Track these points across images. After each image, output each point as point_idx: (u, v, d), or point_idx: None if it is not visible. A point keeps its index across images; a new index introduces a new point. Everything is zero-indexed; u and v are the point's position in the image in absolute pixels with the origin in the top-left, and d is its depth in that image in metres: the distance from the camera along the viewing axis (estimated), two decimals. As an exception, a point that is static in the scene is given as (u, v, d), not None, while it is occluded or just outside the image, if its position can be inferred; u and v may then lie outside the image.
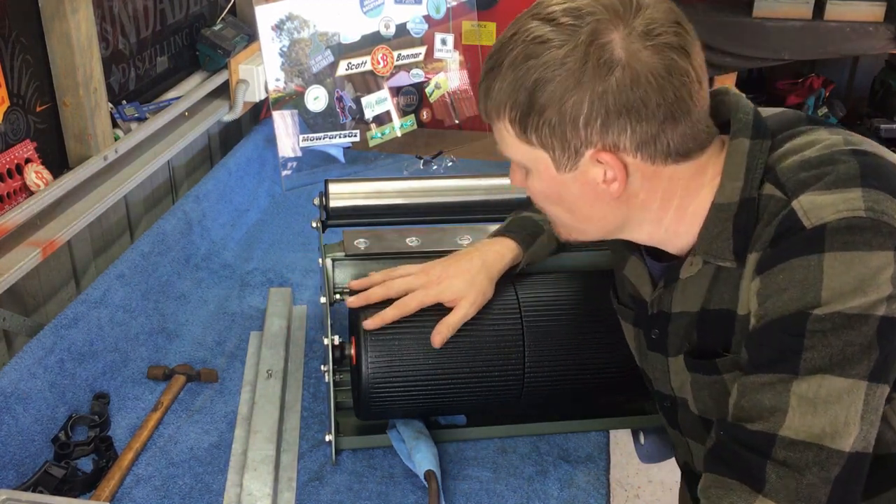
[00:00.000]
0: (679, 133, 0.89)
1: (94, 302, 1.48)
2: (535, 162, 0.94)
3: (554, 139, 0.89)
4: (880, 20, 2.84)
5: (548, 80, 0.86)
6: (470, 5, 2.34)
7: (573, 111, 0.86)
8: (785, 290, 0.85)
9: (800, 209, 0.85)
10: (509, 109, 0.90)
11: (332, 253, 1.37)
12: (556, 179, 0.94)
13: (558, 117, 0.87)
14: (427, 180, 1.59)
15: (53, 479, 1.18)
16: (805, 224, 0.84)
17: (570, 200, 0.96)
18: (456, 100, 2.36)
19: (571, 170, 0.92)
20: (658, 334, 1.07)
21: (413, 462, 1.21)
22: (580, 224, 1.00)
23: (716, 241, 0.93)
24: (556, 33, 0.86)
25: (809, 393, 0.83)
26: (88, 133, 1.58)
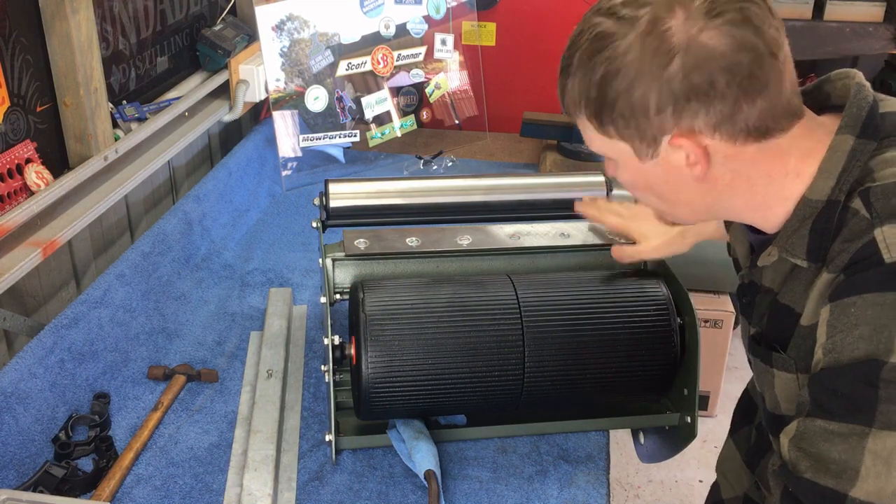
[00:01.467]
0: (757, 110, 0.86)
1: (94, 302, 1.48)
2: (619, 153, 0.93)
3: (630, 130, 0.89)
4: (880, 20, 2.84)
5: (613, 73, 0.86)
6: (470, 5, 2.35)
7: (642, 101, 0.86)
8: (856, 325, 0.81)
9: (882, 241, 0.81)
10: (584, 106, 0.91)
11: (332, 253, 1.37)
12: (640, 168, 0.93)
13: (629, 109, 0.87)
14: (427, 180, 1.59)
15: (54, 479, 1.18)
16: (884, 257, 0.80)
17: (658, 187, 0.95)
18: (456, 100, 2.36)
19: (653, 157, 0.91)
20: (748, 301, 1.05)
21: (413, 462, 1.21)
22: (672, 209, 0.99)
23: (793, 237, 0.91)
24: (617, 26, 0.85)
25: (884, 452, 0.79)
26: (89, 133, 1.59)
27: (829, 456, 0.81)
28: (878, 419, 0.79)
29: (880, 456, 0.79)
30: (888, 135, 0.89)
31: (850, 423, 0.80)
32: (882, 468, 0.79)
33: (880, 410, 0.79)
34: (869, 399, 0.79)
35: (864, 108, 0.89)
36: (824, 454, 0.82)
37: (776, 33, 0.86)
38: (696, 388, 1.26)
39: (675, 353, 1.26)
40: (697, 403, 1.27)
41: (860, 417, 0.80)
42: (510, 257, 1.40)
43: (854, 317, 0.81)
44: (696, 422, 1.28)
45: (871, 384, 0.79)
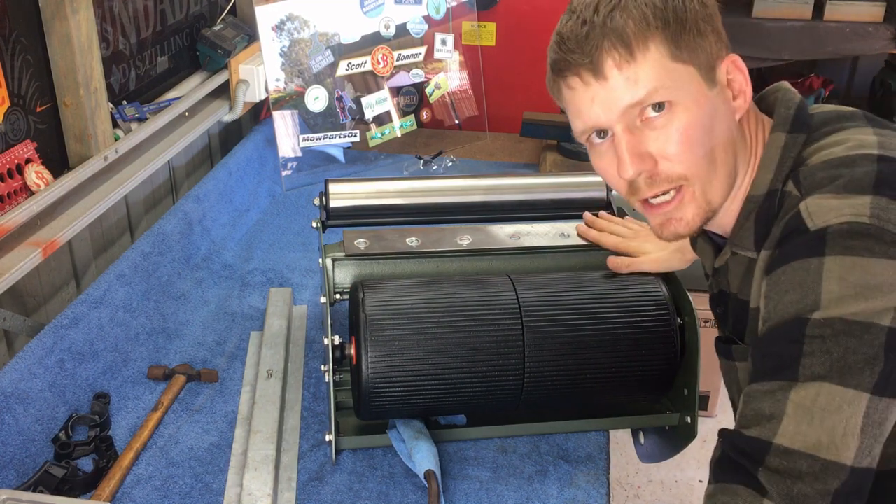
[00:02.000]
0: None
1: (94, 302, 1.48)
2: (688, 82, 0.91)
3: (701, 52, 0.90)
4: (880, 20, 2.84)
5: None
6: (470, 5, 2.35)
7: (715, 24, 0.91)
8: (785, 292, 0.84)
9: (805, 210, 0.85)
10: (662, 24, 0.89)
11: (332, 253, 1.37)
12: (706, 97, 0.92)
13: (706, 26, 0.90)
14: (427, 180, 1.59)
15: (54, 479, 1.18)
16: (809, 226, 0.84)
17: (717, 127, 0.93)
18: (456, 100, 2.36)
19: (715, 85, 0.92)
20: (722, 311, 1.07)
21: (413, 462, 1.21)
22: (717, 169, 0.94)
23: (742, 231, 0.94)
24: None
25: (806, 401, 0.81)
26: (89, 133, 1.59)
27: (760, 412, 0.83)
28: (802, 372, 0.81)
29: (802, 405, 0.81)
30: (816, 128, 0.94)
31: (778, 380, 0.83)
32: (803, 416, 0.80)
33: (803, 364, 0.81)
34: (793, 354, 0.82)
35: (791, 108, 0.96)
36: (756, 411, 0.84)
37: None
38: (696, 388, 1.26)
39: (675, 353, 1.26)
40: (697, 403, 1.27)
41: (786, 373, 0.82)
42: (510, 257, 1.40)
43: (784, 283, 0.84)
44: (696, 422, 1.28)
45: (796, 341, 0.82)
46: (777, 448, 0.81)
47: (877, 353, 0.80)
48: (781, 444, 0.81)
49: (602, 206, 1.50)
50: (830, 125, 0.94)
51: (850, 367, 0.80)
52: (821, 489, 0.79)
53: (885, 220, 0.81)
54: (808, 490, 0.80)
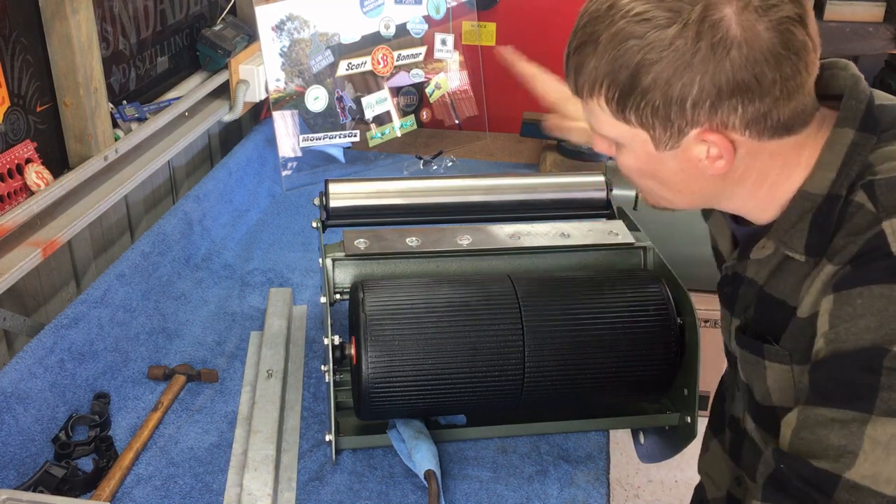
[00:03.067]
0: (790, 108, 0.84)
1: (94, 302, 1.48)
2: (631, 139, 0.89)
3: (656, 119, 0.85)
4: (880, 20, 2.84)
5: (654, 61, 0.81)
6: (470, 5, 2.35)
7: (681, 93, 0.82)
8: (862, 316, 0.80)
9: (891, 233, 0.80)
10: (606, 88, 0.85)
11: (332, 253, 1.37)
12: (654, 156, 0.89)
13: (663, 99, 0.83)
14: (427, 180, 1.59)
15: (54, 479, 1.18)
16: (893, 249, 0.79)
17: (666, 176, 0.92)
18: (456, 100, 2.36)
19: (672, 148, 0.87)
20: (730, 292, 1.04)
21: (413, 462, 1.21)
22: (671, 195, 0.95)
23: (791, 230, 0.89)
24: (660, 10, 0.80)
25: (884, 437, 0.78)
26: (89, 133, 1.58)
27: (829, 442, 0.81)
28: (879, 406, 0.78)
29: (880, 442, 0.78)
30: (886, 129, 0.87)
31: (851, 410, 0.80)
32: (881, 454, 0.78)
33: (881, 398, 0.78)
34: (870, 386, 0.78)
35: (862, 101, 0.88)
36: (824, 440, 0.81)
37: (816, 27, 0.83)
38: (696, 388, 1.26)
39: (675, 353, 1.26)
40: (697, 403, 1.27)
41: (861, 404, 0.79)
42: (510, 257, 1.40)
43: (860, 307, 0.80)
44: (696, 422, 1.28)
45: (873, 371, 0.78)
46: (847, 482, 0.80)
47: None
48: (852, 479, 0.80)
49: (602, 206, 1.50)
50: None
51: None
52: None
53: None
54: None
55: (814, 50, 0.82)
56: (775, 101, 0.82)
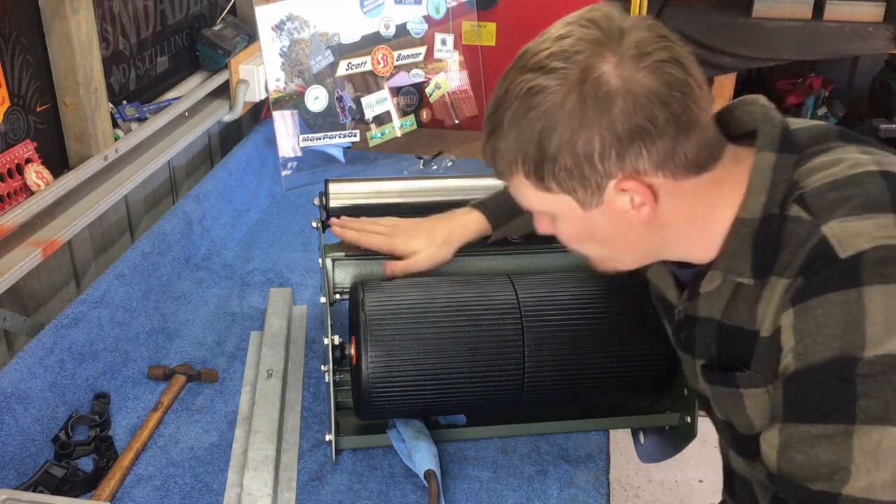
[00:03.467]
0: (693, 144, 0.87)
1: (94, 302, 1.48)
2: (560, 207, 0.93)
3: (573, 181, 0.88)
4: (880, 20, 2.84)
5: (552, 126, 0.86)
6: (470, 5, 2.35)
7: (586, 150, 0.86)
8: (825, 325, 0.82)
9: (832, 237, 0.82)
10: (521, 164, 0.90)
11: (332, 253, 1.37)
12: (584, 218, 0.93)
13: (572, 159, 0.87)
14: (427, 180, 1.59)
15: (54, 479, 1.18)
16: (839, 254, 0.81)
17: (603, 235, 0.95)
18: (456, 100, 2.36)
19: (598, 205, 0.91)
20: (686, 336, 1.06)
21: (413, 462, 1.21)
22: (616, 255, 0.99)
23: (735, 256, 0.92)
24: (548, 79, 0.86)
25: (871, 446, 0.79)
26: (89, 133, 1.59)
27: (819, 459, 0.82)
28: (860, 415, 0.79)
29: (868, 451, 0.79)
30: (803, 148, 0.91)
31: (833, 424, 0.81)
32: (871, 463, 0.79)
33: (860, 406, 0.79)
34: (847, 396, 0.80)
35: (777, 126, 0.92)
36: (813, 459, 0.82)
37: (698, 68, 0.88)
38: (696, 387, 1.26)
39: (676, 352, 1.26)
40: (697, 403, 1.27)
41: (842, 416, 0.80)
42: (510, 257, 1.40)
43: (822, 317, 0.82)
44: (696, 422, 1.28)
45: (847, 381, 0.80)
46: (846, 498, 0.81)
47: None
48: (850, 494, 0.81)
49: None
50: (815, 145, 0.93)
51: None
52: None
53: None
54: None
55: (699, 87, 0.87)
56: (675, 139, 0.86)
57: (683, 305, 1.03)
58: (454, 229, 1.34)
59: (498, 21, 2.48)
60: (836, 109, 3.24)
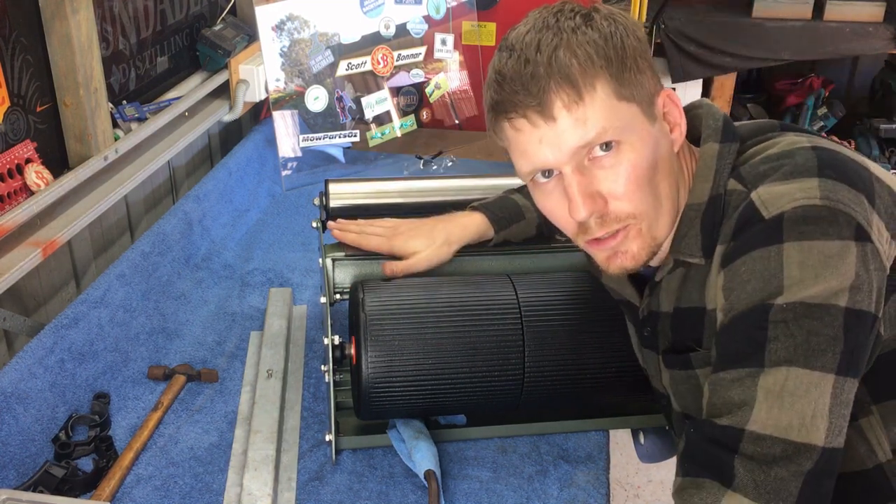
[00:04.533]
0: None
1: (94, 302, 1.48)
2: (631, 119, 0.92)
3: (642, 88, 0.92)
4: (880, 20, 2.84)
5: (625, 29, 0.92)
6: (470, 5, 2.35)
7: (646, 57, 0.93)
8: (747, 281, 0.86)
9: (757, 199, 0.88)
10: (606, 64, 0.90)
11: (332, 253, 1.38)
12: (649, 133, 0.93)
13: (644, 63, 0.92)
14: (427, 180, 1.60)
15: (54, 479, 1.18)
16: (763, 214, 0.86)
17: (661, 163, 0.94)
18: (456, 100, 2.36)
19: (655, 120, 0.94)
20: (650, 332, 1.09)
21: (413, 462, 1.21)
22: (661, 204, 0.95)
23: (685, 239, 0.95)
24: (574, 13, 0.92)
25: (776, 386, 0.83)
26: (89, 133, 1.59)
27: (729, 401, 0.86)
28: (768, 358, 0.83)
29: (772, 391, 0.83)
30: (745, 139, 0.98)
31: (745, 367, 0.85)
32: (774, 401, 0.83)
33: (768, 349, 0.83)
34: (759, 341, 0.84)
35: (719, 119, 0.99)
36: (726, 400, 0.86)
37: None
38: (695, 387, 1.26)
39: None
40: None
41: (752, 359, 0.84)
42: (510, 257, 1.40)
43: (745, 273, 0.86)
44: (696, 422, 1.28)
45: (760, 327, 0.84)
46: (750, 434, 0.83)
47: (836, 333, 0.83)
48: (754, 430, 0.83)
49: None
50: (757, 136, 0.99)
51: (814, 350, 0.83)
52: (795, 471, 0.82)
53: (835, 200, 0.84)
54: (783, 473, 0.82)
55: None
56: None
57: (646, 302, 1.06)
58: (454, 230, 1.34)
59: (498, 21, 2.48)
60: (836, 109, 3.24)
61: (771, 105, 3.36)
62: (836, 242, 0.83)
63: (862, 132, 3.30)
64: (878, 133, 3.18)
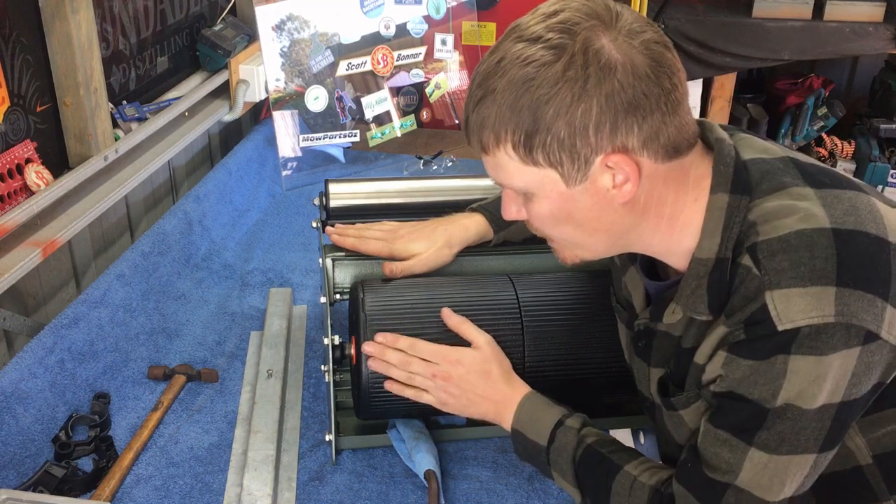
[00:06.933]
0: (675, 125, 0.91)
1: (94, 302, 1.48)
2: (542, 183, 0.93)
3: (563, 154, 0.89)
4: (880, 20, 2.84)
5: (551, 96, 0.86)
6: (470, 5, 2.35)
7: (582, 120, 0.87)
8: (750, 379, 0.91)
9: (773, 308, 0.88)
10: (511, 134, 0.90)
11: (332, 253, 1.38)
12: (565, 195, 0.93)
13: (567, 130, 0.88)
14: (427, 180, 1.60)
15: (54, 479, 1.18)
16: (777, 325, 0.87)
17: (580, 215, 0.96)
18: (456, 100, 2.36)
19: (581, 182, 0.92)
20: (644, 344, 1.10)
21: (413, 462, 1.21)
22: (585, 238, 0.99)
23: (692, 296, 0.97)
24: (546, 50, 0.87)
25: (761, 462, 0.92)
26: (89, 133, 1.59)
27: (721, 456, 0.95)
28: (758, 439, 0.92)
29: (756, 464, 0.93)
30: (758, 182, 0.95)
31: (739, 439, 0.93)
32: (759, 470, 0.93)
33: (759, 435, 0.92)
34: (754, 425, 0.92)
35: (729, 165, 0.96)
36: (718, 456, 0.95)
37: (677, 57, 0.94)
38: (695, 388, 1.27)
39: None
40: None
41: (744, 436, 0.93)
42: (510, 257, 1.40)
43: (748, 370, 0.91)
44: (696, 422, 1.28)
45: (756, 416, 0.92)
46: (734, 488, 0.94)
47: (825, 424, 0.90)
48: (738, 485, 0.94)
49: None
50: (768, 180, 0.95)
51: (801, 441, 0.91)
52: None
53: (849, 315, 0.86)
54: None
55: (680, 70, 0.92)
56: (663, 117, 0.90)
57: (645, 320, 1.08)
58: (455, 231, 1.34)
59: (498, 21, 2.48)
60: (836, 109, 3.24)
61: (771, 105, 3.36)
62: (842, 353, 0.87)
63: (862, 132, 3.31)
64: (878, 133, 3.18)
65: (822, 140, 3.32)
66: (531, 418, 1.13)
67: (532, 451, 1.13)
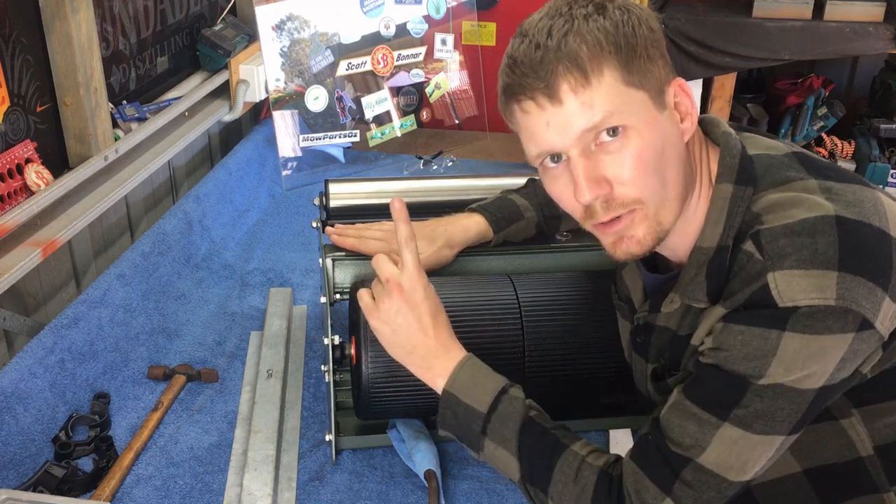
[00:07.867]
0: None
1: (94, 302, 1.48)
2: (640, 106, 0.92)
3: (651, 76, 0.92)
4: (880, 20, 2.83)
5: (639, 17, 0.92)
6: (470, 5, 2.35)
7: (659, 45, 0.93)
8: (739, 350, 0.90)
9: (774, 287, 0.87)
10: (615, 50, 0.90)
11: (332, 253, 1.37)
12: (657, 121, 0.93)
13: (656, 51, 0.93)
14: (427, 180, 1.60)
15: (54, 479, 1.18)
16: (776, 302, 0.87)
17: (669, 150, 0.94)
18: (456, 100, 2.36)
19: (664, 108, 0.94)
20: (642, 340, 1.10)
21: (413, 462, 1.21)
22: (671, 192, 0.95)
23: (692, 284, 0.97)
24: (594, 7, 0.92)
25: (729, 440, 0.90)
26: (89, 133, 1.59)
27: (685, 430, 0.93)
28: (733, 415, 0.90)
29: (725, 442, 0.91)
30: (762, 175, 0.96)
31: (708, 412, 0.91)
32: (724, 449, 0.91)
33: (735, 411, 0.90)
34: (730, 400, 0.90)
35: (735, 157, 0.98)
36: (683, 429, 0.93)
37: None
38: (695, 388, 1.26)
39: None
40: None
41: (718, 410, 0.91)
42: (510, 257, 1.40)
43: (740, 343, 0.90)
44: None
45: (736, 391, 0.90)
46: (695, 465, 0.92)
47: (801, 407, 0.90)
48: (700, 462, 0.92)
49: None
50: (773, 173, 0.96)
51: (774, 421, 0.90)
52: (721, 497, 0.93)
53: (849, 300, 0.86)
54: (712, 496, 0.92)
55: None
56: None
57: (643, 314, 1.08)
58: (456, 232, 1.33)
59: (498, 21, 2.48)
60: (836, 109, 3.23)
61: (771, 105, 3.36)
62: (836, 336, 0.87)
63: (862, 132, 3.30)
64: (878, 133, 3.18)
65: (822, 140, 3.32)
66: (471, 382, 1.07)
67: (464, 417, 1.06)
